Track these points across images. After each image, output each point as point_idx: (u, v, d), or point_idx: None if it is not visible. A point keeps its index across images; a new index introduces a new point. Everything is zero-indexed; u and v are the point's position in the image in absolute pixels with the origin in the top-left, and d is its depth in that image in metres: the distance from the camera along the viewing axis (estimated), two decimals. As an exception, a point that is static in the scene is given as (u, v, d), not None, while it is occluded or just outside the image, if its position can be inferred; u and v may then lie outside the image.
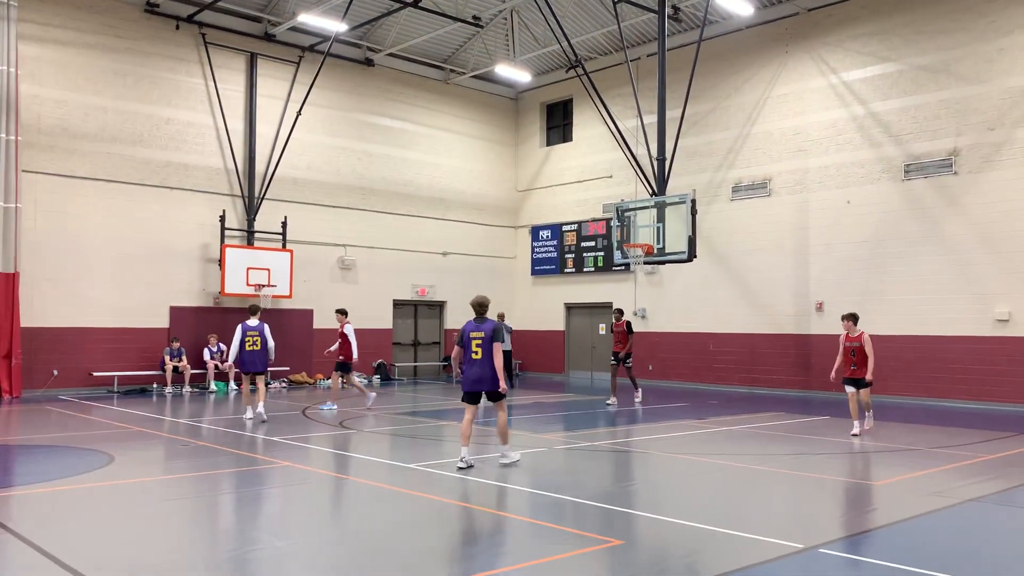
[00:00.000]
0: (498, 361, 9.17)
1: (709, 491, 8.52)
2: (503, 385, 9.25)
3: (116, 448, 10.55)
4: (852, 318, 12.41)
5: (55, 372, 18.05)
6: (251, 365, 13.82)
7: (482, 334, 9.27)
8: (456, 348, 9.54)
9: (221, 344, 19.44)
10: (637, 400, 17.20)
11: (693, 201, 16.47)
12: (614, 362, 17.30)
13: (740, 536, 6.41)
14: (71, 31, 18.50)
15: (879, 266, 18.81)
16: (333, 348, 15.82)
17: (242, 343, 13.76)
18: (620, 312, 17.80)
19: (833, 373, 12.42)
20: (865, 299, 18.80)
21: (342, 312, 15.89)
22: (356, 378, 16.34)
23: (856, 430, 12.22)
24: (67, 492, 8.07)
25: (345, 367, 15.61)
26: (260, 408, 13.72)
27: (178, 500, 7.86)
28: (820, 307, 19.65)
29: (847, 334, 12.35)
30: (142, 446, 11.15)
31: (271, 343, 14.03)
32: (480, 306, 9.52)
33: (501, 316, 21.08)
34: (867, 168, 19.17)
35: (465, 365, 9.40)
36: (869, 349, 12.03)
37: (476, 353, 9.26)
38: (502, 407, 9.46)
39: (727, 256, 21.53)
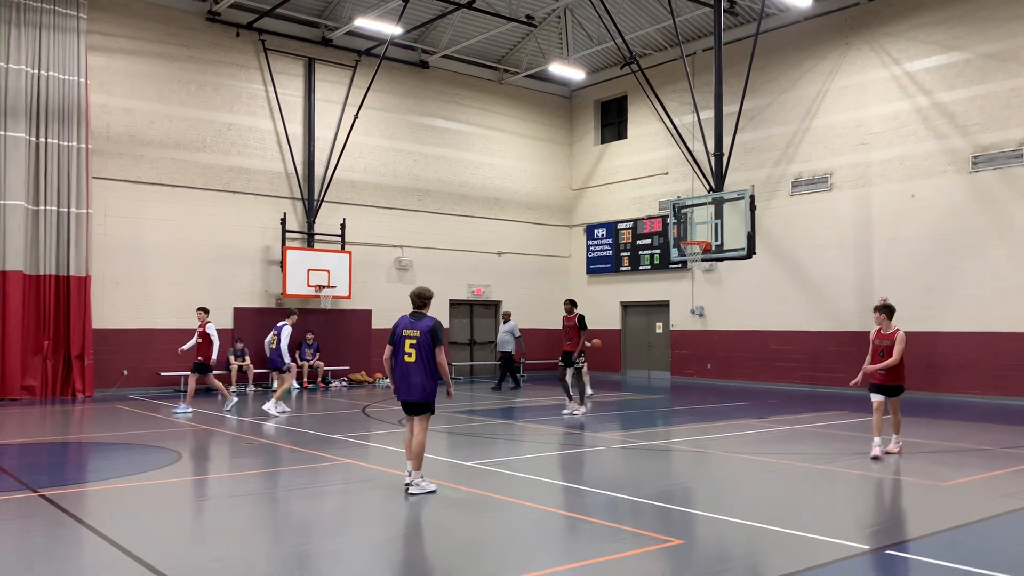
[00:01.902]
0: (443, 367, 7.89)
1: (770, 491, 8.39)
2: (450, 391, 8.32)
3: (183, 446, 10.85)
4: (885, 311, 10.33)
5: (125, 372, 18.64)
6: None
7: (417, 333, 7.87)
8: (387, 347, 8.07)
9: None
10: (575, 412, 14.37)
11: (752, 197, 16.24)
12: (562, 363, 14.72)
13: (803, 537, 6.31)
14: (137, 41, 19.08)
15: (946, 261, 18.28)
16: (187, 347, 15.29)
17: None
18: (571, 303, 14.98)
19: (859, 376, 10.39)
20: (931, 295, 18.30)
21: (204, 310, 15.24)
22: (215, 379, 15.50)
23: (876, 451, 9.90)
24: (138, 488, 8.33)
25: (203, 368, 14.99)
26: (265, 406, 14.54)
27: (243, 496, 8.06)
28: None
29: (878, 330, 10.34)
30: (209, 443, 11.45)
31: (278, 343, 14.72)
32: (419, 298, 8.14)
33: (507, 316, 21.15)
34: (932, 160, 18.64)
35: (397, 369, 7.96)
36: (899, 349, 9.92)
37: (409, 355, 7.84)
38: (423, 425, 7.97)
39: (787, 252, 21.16)
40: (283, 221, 20.80)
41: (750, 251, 16.21)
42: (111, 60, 18.73)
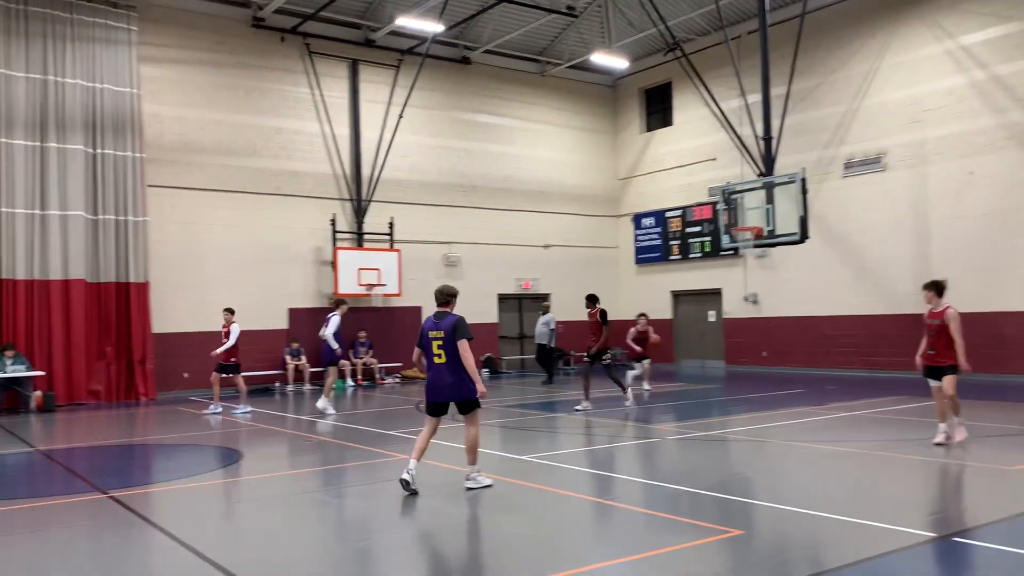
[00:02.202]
0: (468, 362, 7.72)
1: (831, 479, 8.25)
2: (480, 388, 7.78)
3: (244, 445, 11.08)
4: (933, 288, 9.68)
5: (185, 375, 19.08)
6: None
7: (442, 333, 7.79)
8: (416, 350, 8.11)
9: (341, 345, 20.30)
10: (627, 403, 14.33)
11: (803, 180, 15.95)
12: (587, 358, 14.44)
13: (866, 525, 6.19)
14: (186, 50, 19.47)
15: (1007, 239, 17.73)
16: (222, 350, 15.13)
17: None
18: (592, 299, 14.79)
19: (918, 358, 9.93)
20: (992, 275, 17.78)
21: (229, 311, 15.39)
22: (241, 380, 15.54)
23: (939, 437, 9.53)
24: (202, 488, 8.54)
25: (229, 368, 15.22)
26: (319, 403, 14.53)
27: (304, 494, 8.20)
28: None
29: (930, 309, 9.70)
30: (268, 443, 11.67)
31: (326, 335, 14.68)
32: (442, 295, 8.12)
33: (546, 309, 21.03)
34: (990, 136, 18.08)
35: (430, 373, 7.93)
36: (955, 328, 9.33)
37: (439, 356, 7.78)
38: (474, 420, 7.92)
39: (841, 235, 20.73)
40: (333, 222, 21.07)
41: (803, 235, 15.92)
42: (162, 70, 19.16)
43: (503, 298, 24.57)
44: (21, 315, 16.94)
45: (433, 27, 19.96)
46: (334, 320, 14.48)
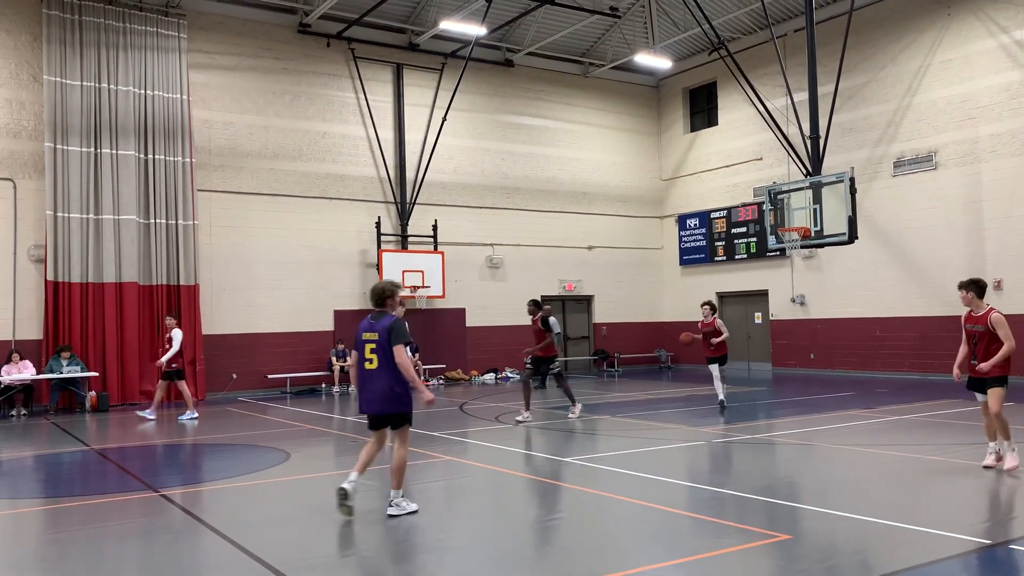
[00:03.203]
0: (405, 369, 6.79)
1: (881, 483, 8.09)
2: (426, 395, 6.97)
3: (292, 445, 11.23)
4: (973, 287, 8.30)
5: (234, 376, 19.42)
6: None
7: (376, 335, 6.85)
8: (352, 354, 7.33)
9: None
10: (572, 416, 13.26)
11: (852, 179, 15.70)
12: (529, 365, 13.47)
13: (918, 531, 6.06)
14: (233, 56, 19.83)
15: (1067, 238, 17.21)
16: (167, 358, 14.62)
17: None
18: (534, 304, 13.65)
19: (955, 369, 8.64)
20: (1051, 275, 17.29)
21: (172, 316, 15.34)
22: (185, 387, 15.08)
23: (989, 459, 8.35)
24: (251, 487, 8.68)
25: (172, 375, 14.81)
26: None
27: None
28: (999, 285, 18.20)
29: (968, 312, 8.41)
30: (315, 443, 11.81)
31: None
32: (378, 294, 7.05)
33: (548, 312, 19.93)
34: (1048, 132, 17.58)
35: (360, 379, 7.05)
36: (1005, 334, 8.02)
37: (370, 361, 6.88)
38: (403, 438, 7.07)
39: (891, 236, 20.33)
40: (378, 225, 21.27)
41: (852, 235, 15.66)
42: (210, 76, 19.53)
43: (546, 300, 24.54)
44: (76, 317, 17.40)
45: (476, 30, 20.04)
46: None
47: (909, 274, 20.02)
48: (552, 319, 13.39)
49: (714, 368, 14.43)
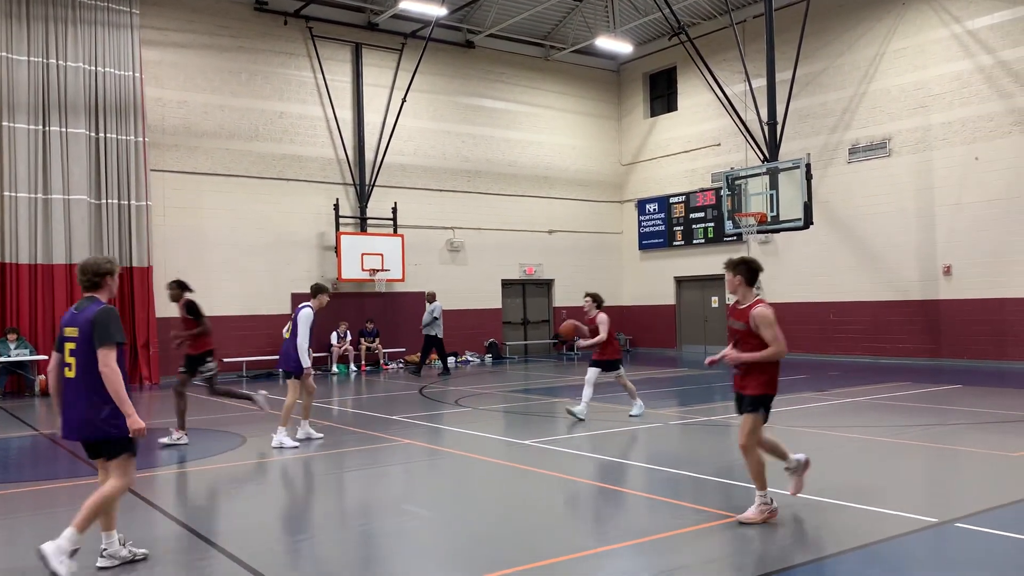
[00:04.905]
0: (111, 383, 4.94)
1: (834, 464, 8.25)
2: (136, 423, 5.01)
3: (248, 430, 11.10)
4: (742, 269, 6.23)
5: (189, 359, 19.08)
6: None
7: (77, 331, 5.06)
8: (53, 356, 5.28)
9: (348, 330, 20.45)
10: (180, 440, 10.12)
11: (808, 165, 15.92)
12: (184, 371, 10.32)
13: (868, 510, 6.20)
14: (187, 33, 19.39)
15: (1012, 225, 17.67)
16: None
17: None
18: (176, 285, 10.60)
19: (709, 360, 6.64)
20: (998, 260, 17.75)
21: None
22: None
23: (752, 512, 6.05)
24: (206, 472, 8.56)
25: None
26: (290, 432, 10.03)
27: (308, 478, 8.22)
28: (948, 271, 18.65)
29: (735, 303, 6.37)
30: (272, 427, 11.67)
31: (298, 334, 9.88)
32: (88, 275, 5.21)
33: (432, 297, 19.40)
34: (996, 121, 17.99)
35: (59, 389, 5.19)
36: (771, 335, 6.04)
37: (69, 367, 5.08)
38: (121, 470, 5.17)
39: (846, 221, 20.68)
40: (336, 207, 21.04)
41: (807, 221, 15.90)
42: (164, 54, 19.09)
43: (507, 283, 24.56)
44: (25, 299, 16.97)
45: (436, 10, 19.86)
46: (306, 317, 9.83)
47: (862, 259, 20.40)
48: (189, 305, 10.36)
49: (593, 372, 11.20)
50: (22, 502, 7.36)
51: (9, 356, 16.13)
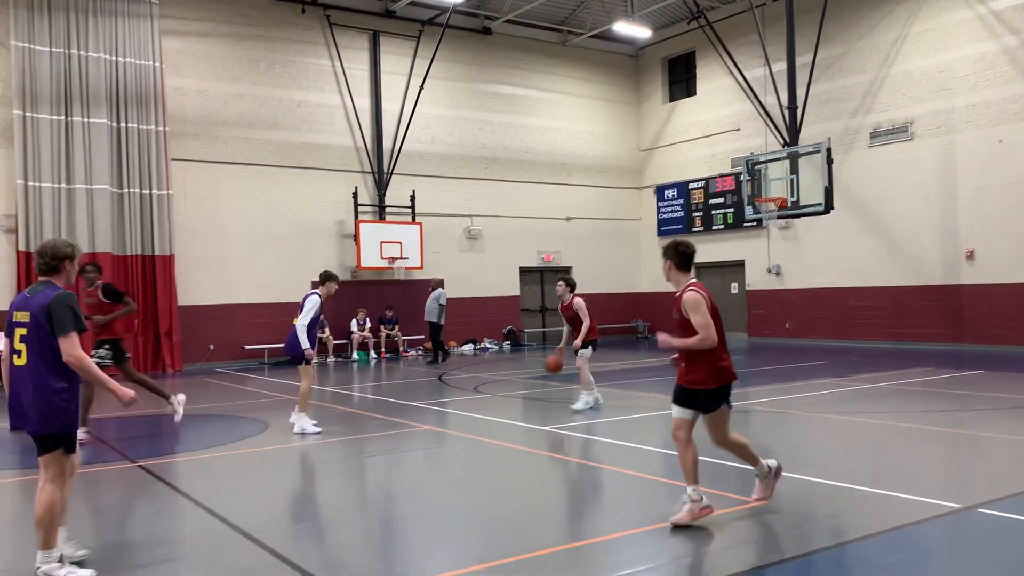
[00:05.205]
0: (77, 361, 4.67)
1: (854, 449, 8.23)
2: (125, 393, 4.88)
3: (269, 415, 11.21)
4: (670, 254, 5.90)
5: (211, 347, 19.31)
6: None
7: (27, 316, 4.76)
8: (2, 340, 5.18)
9: (368, 318, 20.61)
10: (176, 417, 9.95)
11: (828, 150, 15.79)
12: (107, 354, 9.58)
13: (889, 496, 6.18)
14: (207, 23, 19.47)
15: (1038, 209, 17.43)
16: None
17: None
18: (94, 268, 9.86)
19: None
20: (1021, 245, 17.53)
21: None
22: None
23: (684, 512, 5.63)
24: (228, 457, 8.66)
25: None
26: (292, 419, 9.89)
27: (329, 463, 8.30)
28: (971, 255, 18.44)
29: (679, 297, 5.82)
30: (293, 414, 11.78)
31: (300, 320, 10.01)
32: (45, 258, 4.91)
33: (436, 284, 19.51)
34: (1021, 103, 17.73)
35: (9, 378, 4.87)
36: (700, 321, 5.59)
37: (18, 354, 4.78)
38: (56, 470, 4.81)
39: (867, 206, 20.48)
40: (355, 195, 21.10)
41: (828, 206, 15.78)
42: (183, 43, 19.18)
43: (524, 271, 24.56)
44: (49, 288, 17.15)
45: (453, -3, 19.79)
46: (312, 303, 10.06)
47: (884, 244, 20.22)
48: (106, 288, 9.75)
49: (586, 353, 10.92)
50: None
51: (35, 344, 16.32)
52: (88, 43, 17.69)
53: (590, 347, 10.95)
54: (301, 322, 9.89)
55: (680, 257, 5.82)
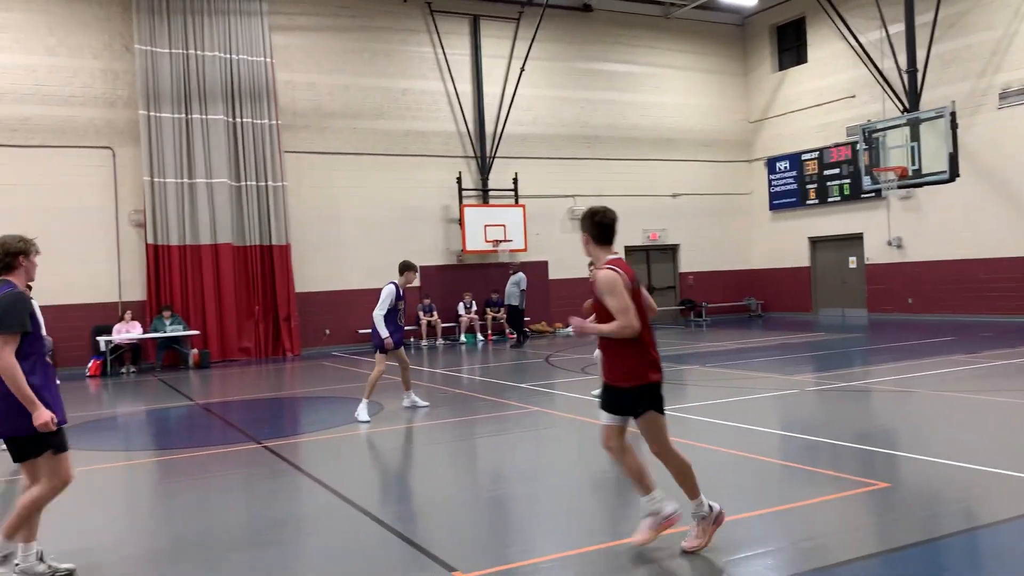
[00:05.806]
0: (11, 377, 4.40)
1: (986, 430, 7.78)
2: (42, 415, 4.43)
3: (384, 398, 11.51)
4: (586, 225, 5.39)
5: (327, 331, 19.98)
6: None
7: None
8: None
9: (474, 300, 20.90)
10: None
11: (953, 114, 14.91)
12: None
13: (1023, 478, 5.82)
14: (312, 16, 20.02)
15: None
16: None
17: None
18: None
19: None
20: None
21: None
22: None
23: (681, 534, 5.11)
24: (348, 438, 8.95)
25: None
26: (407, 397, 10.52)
27: (441, 444, 8.47)
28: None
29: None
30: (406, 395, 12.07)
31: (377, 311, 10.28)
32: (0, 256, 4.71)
33: (516, 268, 19.81)
34: None
35: None
36: (615, 305, 4.74)
37: None
38: (51, 470, 4.63)
39: (995, 172, 19.24)
40: (459, 180, 21.34)
41: (953, 174, 14.92)
42: (291, 38, 19.79)
43: (631, 250, 24.28)
44: (176, 278, 18.14)
45: (553, -24, 19.63)
46: (387, 292, 10.32)
47: (1014, 213, 18.96)
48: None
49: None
50: (182, 467, 7.91)
51: (165, 332, 17.31)
52: (204, 43, 18.48)
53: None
54: (377, 312, 10.14)
55: (597, 228, 5.02)
